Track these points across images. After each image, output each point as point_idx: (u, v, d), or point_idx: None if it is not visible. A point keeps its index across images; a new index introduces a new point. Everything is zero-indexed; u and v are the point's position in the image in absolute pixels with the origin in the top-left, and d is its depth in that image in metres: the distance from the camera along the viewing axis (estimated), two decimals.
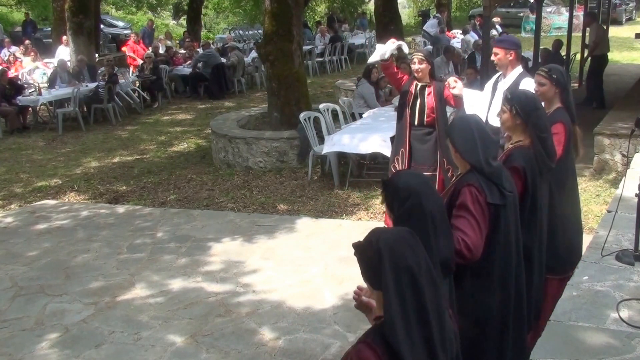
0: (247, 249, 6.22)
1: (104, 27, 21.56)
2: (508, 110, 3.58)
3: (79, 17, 14.06)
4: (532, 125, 3.54)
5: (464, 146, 3.07)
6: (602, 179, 7.61)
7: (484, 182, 3.03)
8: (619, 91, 11.91)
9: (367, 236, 2.00)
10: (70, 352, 4.54)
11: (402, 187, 2.60)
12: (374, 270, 1.92)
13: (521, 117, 3.54)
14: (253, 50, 16.55)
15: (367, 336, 1.95)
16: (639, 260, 3.69)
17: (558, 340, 2.96)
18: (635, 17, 29.16)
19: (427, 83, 5.65)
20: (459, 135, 3.11)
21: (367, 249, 1.97)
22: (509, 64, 4.83)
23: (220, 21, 33.17)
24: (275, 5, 9.12)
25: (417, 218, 2.53)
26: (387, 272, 1.88)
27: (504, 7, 24.85)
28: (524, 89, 4.01)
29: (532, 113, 3.54)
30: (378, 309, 1.98)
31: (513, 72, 4.84)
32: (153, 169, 9.45)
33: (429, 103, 5.62)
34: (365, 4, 30.67)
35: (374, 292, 1.97)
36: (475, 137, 3.06)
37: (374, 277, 1.93)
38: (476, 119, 3.30)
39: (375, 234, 1.99)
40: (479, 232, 2.96)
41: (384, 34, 14.24)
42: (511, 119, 3.58)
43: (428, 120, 5.67)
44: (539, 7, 10.93)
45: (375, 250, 1.92)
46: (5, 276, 5.83)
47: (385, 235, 1.96)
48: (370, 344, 1.91)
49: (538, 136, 3.54)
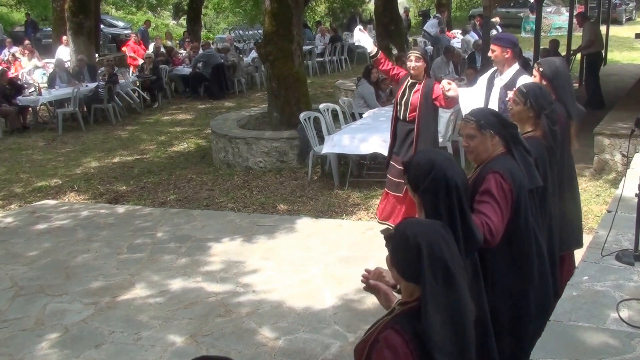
0: (247, 249, 6.22)
1: (104, 27, 21.56)
2: (522, 102, 3.69)
3: (79, 17, 14.05)
4: (546, 117, 3.66)
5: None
6: (602, 179, 7.61)
7: (508, 169, 3.09)
8: (619, 91, 11.91)
9: (401, 228, 2.05)
10: (70, 352, 4.54)
11: (424, 162, 2.65)
12: (410, 263, 1.97)
13: (535, 110, 3.66)
14: (253, 50, 16.55)
15: (395, 322, 1.98)
16: (639, 260, 3.70)
17: (558, 340, 2.96)
18: (635, 17, 29.15)
19: (420, 80, 5.71)
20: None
21: (402, 242, 2.00)
22: (505, 62, 4.89)
23: (220, 21, 33.17)
24: (275, 5, 9.12)
25: (443, 189, 2.58)
26: (425, 266, 1.93)
27: (504, 7, 24.85)
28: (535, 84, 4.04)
29: (547, 107, 3.67)
30: (406, 295, 2.03)
31: (510, 70, 4.89)
32: (153, 169, 9.45)
33: (412, 100, 5.70)
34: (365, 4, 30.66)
35: (403, 281, 2.02)
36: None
37: (410, 269, 1.98)
38: (494, 112, 3.41)
39: (410, 227, 2.03)
40: (502, 217, 3.03)
41: (384, 34, 14.25)
42: (525, 111, 3.69)
43: (410, 116, 5.75)
44: (539, 7, 10.92)
45: (414, 245, 1.96)
46: (5, 276, 5.83)
47: (422, 229, 2.01)
48: (398, 330, 1.95)
49: (550, 129, 3.66)
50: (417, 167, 2.65)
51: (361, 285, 2.56)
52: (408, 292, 2.02)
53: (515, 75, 4.86)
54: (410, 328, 1.93)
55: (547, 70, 4.15)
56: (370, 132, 7.65)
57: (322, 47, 19.00)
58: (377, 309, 4.03)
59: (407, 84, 5.77)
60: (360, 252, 5.94)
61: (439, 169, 2.60)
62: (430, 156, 2.70)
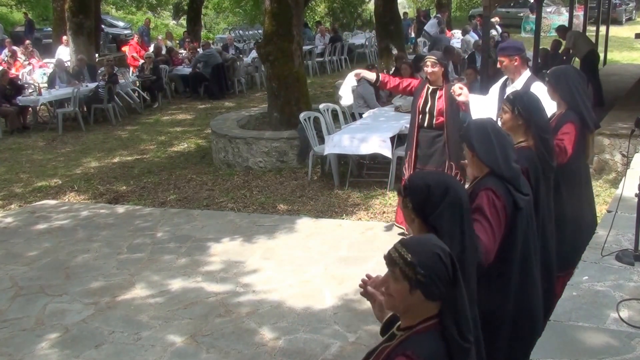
0: (247, 249, 6.22)
1: (104, 27, 21.55)
2: (510, 110, 3.58)
3: (79, 17, 14.05)
4: (535, 125, 3.54)
5: (482, 149, 3.03)
6: (602, 179, 7.61)
7: (501, 186, 3.00)
8: (619, 91, 11.91)
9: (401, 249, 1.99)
10: (70, 352, 4.54)
11: (435, 185, 2.49)
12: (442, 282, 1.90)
13: (523, 118, 3.54)
14: (253, 50, 16.55)
15: (406, 347, 1.91)
16: (639, 260, 3.69)
17: (558, 340, 2.96)
18: (635, 17, 29.14)
19: (440, 86, 5.64)
20: (477, 138, 3.05)
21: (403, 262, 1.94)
22: (516, 70, 4.81)
23: (220, 21, 33.16)
24: (275, 5, 9.11)
25: (455, 211, 2.48)
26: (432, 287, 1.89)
27: (504, 7, 24.83)
28: (526, 90, 4.01)
29: (535, 114, 3.54)
30: (410, 319, 1.96)
31: (521, 77, 4.81)
32: (153, 169, 9.45)
33: (438, 106, 5.62)
34: (365, 4, 30.65)
35: (410, 296, 1.92)
36: (492, 140, 3.02)
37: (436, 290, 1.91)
38: (492, 122, 3.27)
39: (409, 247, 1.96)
40: (493, 237, 2.93)
41: (384, 34, 14.24)
42: (513, 120, 3.57)
43: (437, 123, 5.67)
44: (539, 7, 10.91)
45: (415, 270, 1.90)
46: (5, 276, 5.83)
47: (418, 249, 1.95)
48: (410, 355, 1.88)
49: (540, 137, 3.54)
50: (426, 191, 2.47)
51: None
52: (418, 314, 1.94)
53: (528, 82, 4.76)
54: (424, 352, 1.87)
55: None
56: (370, 132, 7.65)
57: (322, 47, 19.00)
58: None
59: (429, 92, 5.67)
60: (360, 252, 5.94)
61: (453, 191, 2.49)
62: (440, 179, 2.56)
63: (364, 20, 29.95)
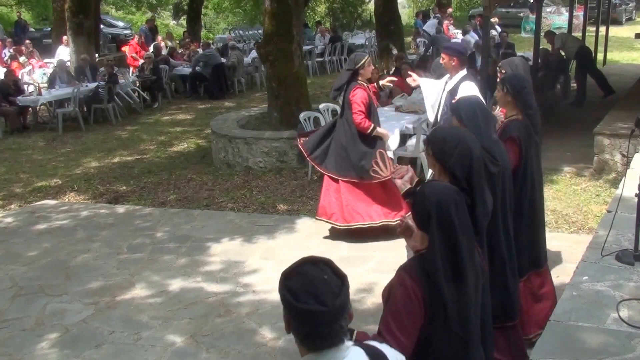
0: (247, 249, 6.22)
1: (104, 27, 21.53)
2: (501, 88, 4.08)
3: (79, 17, 14.04)
4: (521, 102, 4.03)
5: (469, 122, 3.48)
6: (602, 179, 7.61)
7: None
8: (619, 91, 11.92)
9: (422, 188, 2.47)
10: (70, 352, 4.54)
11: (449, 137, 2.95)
12: (423, 215, 2.37)
13: (511, 95, 4.03)
14: (253, 50, 16.55)
15: (405, 265, 2.42)
16: (639, 260, 3.70)
17: (558, 340, 2.96)
18: (635, 17, 29.14)
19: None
20: (465, 112, 3.54)
21: (420, 197, 2.42)
22: (453, 68, 5.40)
23: (220, 21, 33.15)
24: (275, 5, 9.11)
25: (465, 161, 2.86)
26: (434, 223, 2.32)
27: (504, 7, 24.82)
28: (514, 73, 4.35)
29: (520, 91, 4.02)
30: (420, 244, 2.43)
31: (457, 76, 5.38)
32: (153, 169, 9.44)
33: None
34: (365, 4, 30.65)
35: (419, 231, 2.42)
36: (477, 114, 3.53)
37: (422, 220, 2.38)
38: (478, 99, 3.92)
39: (429, 187, 2.45)
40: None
41: (384, 34, 14.24)
42: (503, 97, 4.09)
43: None
44: (539, 7, 10.92)
45: (426, 205, 2.36)
46: (5, 276, 5.83)
47: (437, 190, 2.41)
48: (407, 269, 2.37)
49: (526, 112, 4.04)
50: (443, 141, 2.91)
51: (361, 285, 2.62)
52: (421, 241, 2.42)
53: (460, 81, 5.33)
54: (418, 268, 2.35)
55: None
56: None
57: (322, 47, 18.99)
58: (377, 308, 4.03)
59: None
60: (360, 252, 5.94)
61: (464, 143, 2.90)
62: (454, 132, 3.05)
63: (364, 20, 29.93)
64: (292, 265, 1.90)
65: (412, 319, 2.29)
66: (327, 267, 1.89)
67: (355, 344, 1.87)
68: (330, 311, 1.77)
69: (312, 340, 1.80)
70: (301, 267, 1.89)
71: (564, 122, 10.42)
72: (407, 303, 2.29)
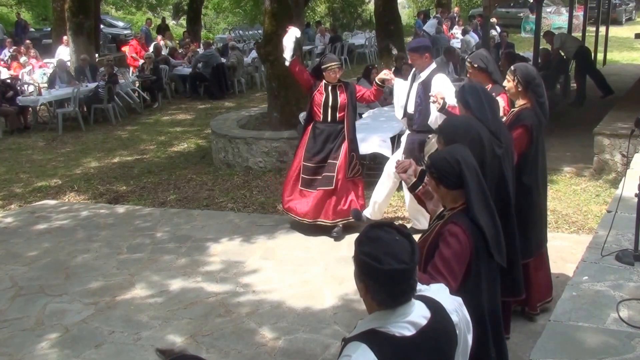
0: (247, 249, 6.22)
1: (104, 27, 21.54)
2: (512, 79, 4.26)
3: (79, 17, 14.04)
4: (532, 91, 4.21)
5: (476, 106, 3.67)
6: (602, 179, 7.61)
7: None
8: (618, 91, 11.92)
9: (440, 155, 2.77)
10: (70, 352, 4.54)
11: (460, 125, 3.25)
12: (453, 174, 2.66)
13: (522, 85, 4.22)
14: (253, 50, 16.55)
15: (453, 218, 2.68)
16: (639, 260, 3.70)
17: (558, 340, 2.96)
18: (635, 17, 29.16)
19: (338, 84, 6.24)
20: (471, 98, 3.74)
21: (445, 162, 2.69)
22: (425, 64, 5.68)
23: (220, 21, 33.15)
24: (275, 5, 9.11)
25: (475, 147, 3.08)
26: (466, 173, 2.65)
27: (504, 7, 24.83)
28: (525, 64, 4.60)
29: (532, 81, 4.21)
30: (452, 203, 2.73)
31: (427, 69, 5.67)
32: (153, 169, 9.44)
33: (341, 101, 6.19)
34: (365, 4, 30.65)
35: (450, 192, 2.71)
36: (483, 99, 3.71)
37: (453, 179, 2.67)
38: (482, 86, 4.12)
39: (445, 152, 2.77)
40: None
41: (384, 34, 14.23)
42: (515, 87, 4.26)
43: (340, 117, 6.25)
44: (539, 7, 10.91)
45: (453, 164, 2.66)
46: (5, 276, 5.83)
47: (454, 150, 2.74)
48: (457, 222, 2.64)
49: (537, 101, 4.22)
50: (455, 131, 3.14)
51: None
52: (453, 200, 2.71)
53: (432, 73, 5.62)
54: (465, 221, 2.63)
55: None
56: (370, 132, 7.64)
57: (322, 47, 18.99)
58: None
59: (329, 88, 6.25)
60: None
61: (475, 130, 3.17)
62: (464, 120, 3.35)
63: (364, 20, 29.92)
64: (361, 233, 2.06)
65: (460, 265, 2.60)
66: (392, 229, 2.02)
67: (415, 297, 1.97)
68: (410, 268, 1.90)
69: (393, 298, 1.92)
70: (371, 233, 2.03)
71: (564, 122, 10.42)
72: (458, 252, 2.59)
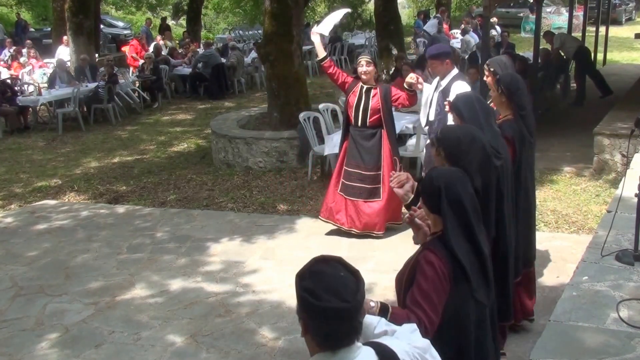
0: (247, 249, 6.22)
1: (104, 27, 21.53)
2: (495, 89, 4.13)
3: (79, 17, 14.04)
4: (515, 103, 4.07)
5: (469, 116, 3.55)
6: (602, 179, 7.61)
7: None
8: (618, 91, 11.92)
9: (430, 174, 2.62)
10: (70, 352, 4.54)
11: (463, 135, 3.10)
12: (434, 199, 2.52)
13: (505, 95, 4.08)
14: (253, 50, 16.54)
15: (429, 245, 2.56)
16: (639, 260, 3.70)
17: (558, 340, 2.96)
18: (635, 17, 29.16)
19: (373, 85, 6.01)
20: (464, 107, 3.62)
21: (428, 182, 2.57)
22: (446, 71, 5.49)
23: (220, 21, 33.14)
24: (275, 5, 9.11)
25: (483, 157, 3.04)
26: (444, 202, 2.48)
27: (504, 7, 24.82)
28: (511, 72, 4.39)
29: (515, 92, 4.07)
30: (434, 227, 2.60)
31: (448, 76, 5.49)
32: (153, 169, 9.44)
33: (373, 105, 5.95)
34: (365, 4, 30.65)
35: (431, 215, 2.58)
36: (476, 108, 3.59)
37: (434, 204, 2.53)
38: (476, 94, 4.02)
39: (435, 172, 2.61)
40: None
41: (384, 34, 14.24)
42: (498, 97, 4.14)
43: (371, 121, 6.01)
44: (538, 7, 10.91)
45: (435, 187, 2.51)
46: (5, 276, 5.83)
47: (443, 173, 2.58)
48: (432, 249, 2.51)
49: (520, 113, 4.07)
50: (458, 141, 3.03)
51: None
52: (434, 224, 2.59)
53: (451, 81, 5.44)
54: (441, 248, 2.49)
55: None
56: None
57: None
58: None
59: (363, 90, 6.02)
60: (360, 252, 5.94)
61: (479, 141, 3.05)
62: (466, 130, 3.17)
63: (364, 20, 29.93)
64: (305, 266, 1.87)
65: (439, 295, 2.44)
66: (339, 264, 1.89)
67: (365, 343, 1.86)
68: (352, 307, 1.77)
69: (333, 339, 1.79)
70: (315, 267, 1.87)
71: (564, 122, 10.42)
72: (436, 280, 2.44)
